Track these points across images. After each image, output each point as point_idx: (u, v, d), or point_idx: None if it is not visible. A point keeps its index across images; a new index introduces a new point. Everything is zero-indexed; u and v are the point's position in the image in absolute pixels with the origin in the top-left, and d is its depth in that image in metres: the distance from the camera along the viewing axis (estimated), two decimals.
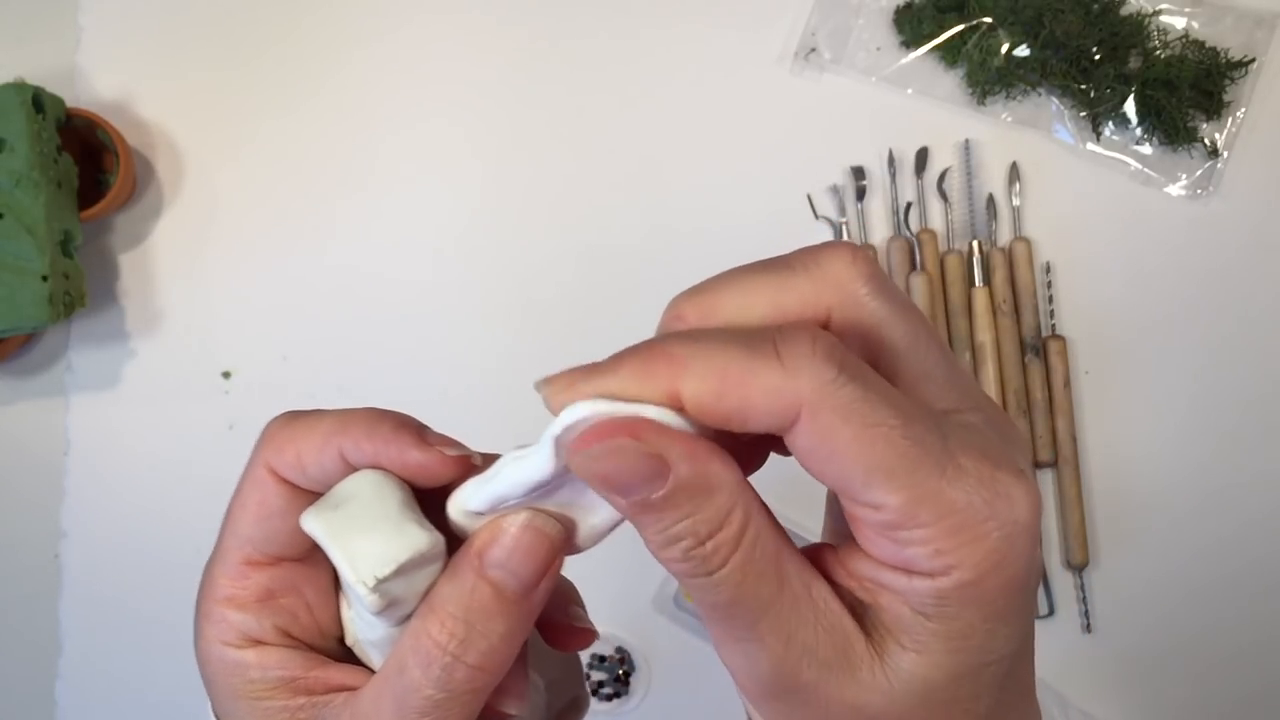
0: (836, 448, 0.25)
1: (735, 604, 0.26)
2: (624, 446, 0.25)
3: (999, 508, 0.25)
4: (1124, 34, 0.79)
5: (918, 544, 0.25)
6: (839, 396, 0.24)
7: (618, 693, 0.75)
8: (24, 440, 0.80)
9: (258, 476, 0.31)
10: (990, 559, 0.25)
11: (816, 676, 0.26)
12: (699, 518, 0.26)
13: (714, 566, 0.26)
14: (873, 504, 0.25)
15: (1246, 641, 0.78)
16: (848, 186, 0.80)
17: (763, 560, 0.26)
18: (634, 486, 0.25)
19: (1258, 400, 0.79)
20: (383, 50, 0.82)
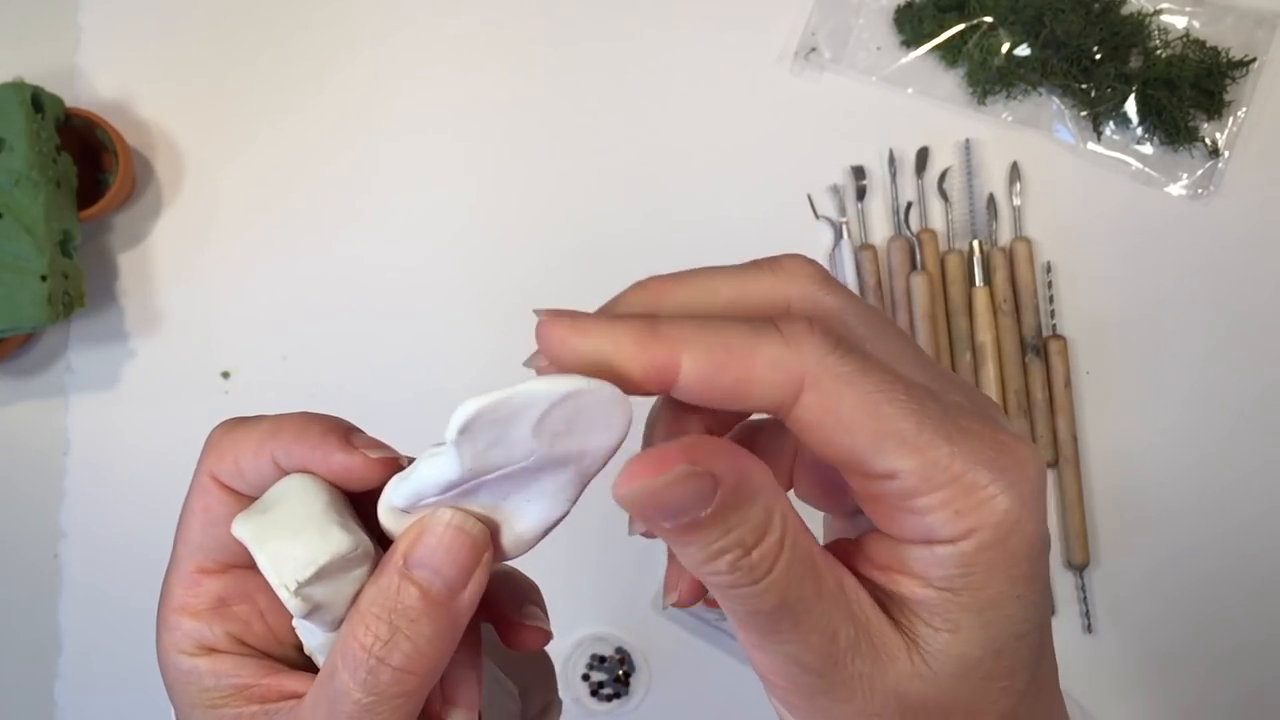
0: (843, 416, 0.25)
1: (780, 608, 0.25)
2: (685, 473, 0.24)
3: (1007, 466, 0.25)
4: (1125, 33, 0.79)
5: (937, 509, 0.25)
6: (841, 367, 0.25)
7: (618, 693, 0.75)
8: (24, 440, 0.79)
9: (202, 484, 0.31)
10: (1009, 518, 0.25)
11: (860, 669, 0.26)
12: (745, 528, 0.25)
13: (760, 575, 0.25)
14: (887, 472, 0.25)
15: (1247, 641, 0.78)
16: (848, 186, 0.80)
17: (801, 561, 0.26)
18: (687, 509, 0.24)
19: (1258, 399, 0.79)
20: (382, 51, 0.82)
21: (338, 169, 0.81)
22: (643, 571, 0.78)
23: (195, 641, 0.31)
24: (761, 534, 0.25)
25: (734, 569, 0.25)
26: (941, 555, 0.25)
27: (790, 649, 0.26)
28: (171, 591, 0.32)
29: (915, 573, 0.26)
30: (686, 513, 0.24)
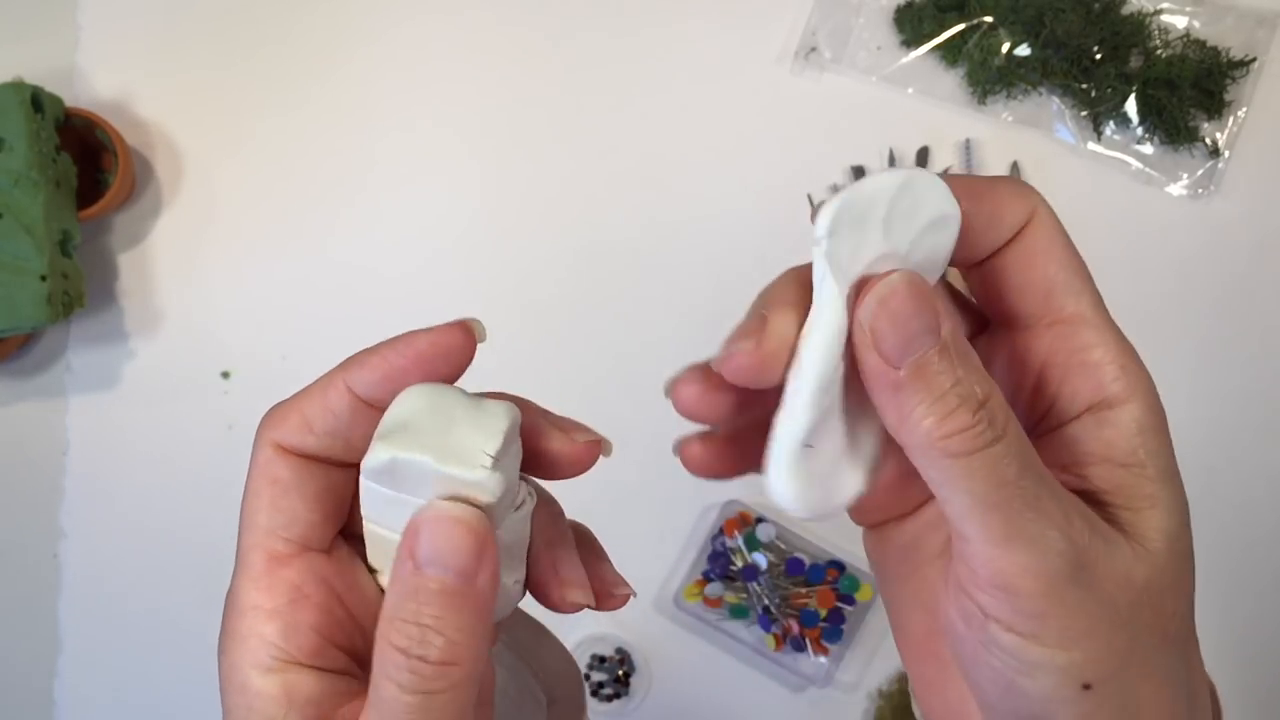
0: (1056, 249, 0.28)
1: (1023, 475, 0.25)
2: (919, 294, 0.25)
3: (1145, 368, 0.29)
4: (1125, 33, 0.79)
5: (1108, 362, 0.28)
6: (1055, 214, 0.29)
7: (618, 693, 0.75)
8: (23, 440, 0.79)
9: (265, 459, 0.30)
10: (1156, 397, 0.28)
11: (1098, 553, 0.26)
12: (974, 377, 0.25)
13: (1000, 429, 0.25)
14: (1076, 312, 0.28)
15: (1247, 641, 0.78)
16: (848, 186, 0.80)
17: (1021, 433, 0.26)
18: (916, 336, 0.25)
19: (1259, 398, 0.79)
20: (382, 49, 0.82)
21: (338, 168, 0.81)
22: (643, 572, 0.78)
23: (274, 652, 0.28)
24: (989, 387, 0.25)
25: (976, 420, 0.25)
26: (1119, 424, 0.27)
27: (1035, 531, 0.25)
28: (242, 594, 0.29)
29: (1100, 457, 0.27)
30: (919, 338, 0.25)
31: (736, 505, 0.76)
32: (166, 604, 0.78)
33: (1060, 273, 0.28)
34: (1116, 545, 0.26)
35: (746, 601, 0.75)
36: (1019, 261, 0.28)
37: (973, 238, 0.28)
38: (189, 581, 0.78)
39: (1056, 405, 0.28)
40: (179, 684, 0.77)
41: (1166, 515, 0.27)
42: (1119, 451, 0.27)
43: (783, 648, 0.74)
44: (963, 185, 0.27)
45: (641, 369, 0.79)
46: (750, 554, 0.75)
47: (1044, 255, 0.28)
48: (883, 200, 0.27)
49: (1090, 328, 0.28)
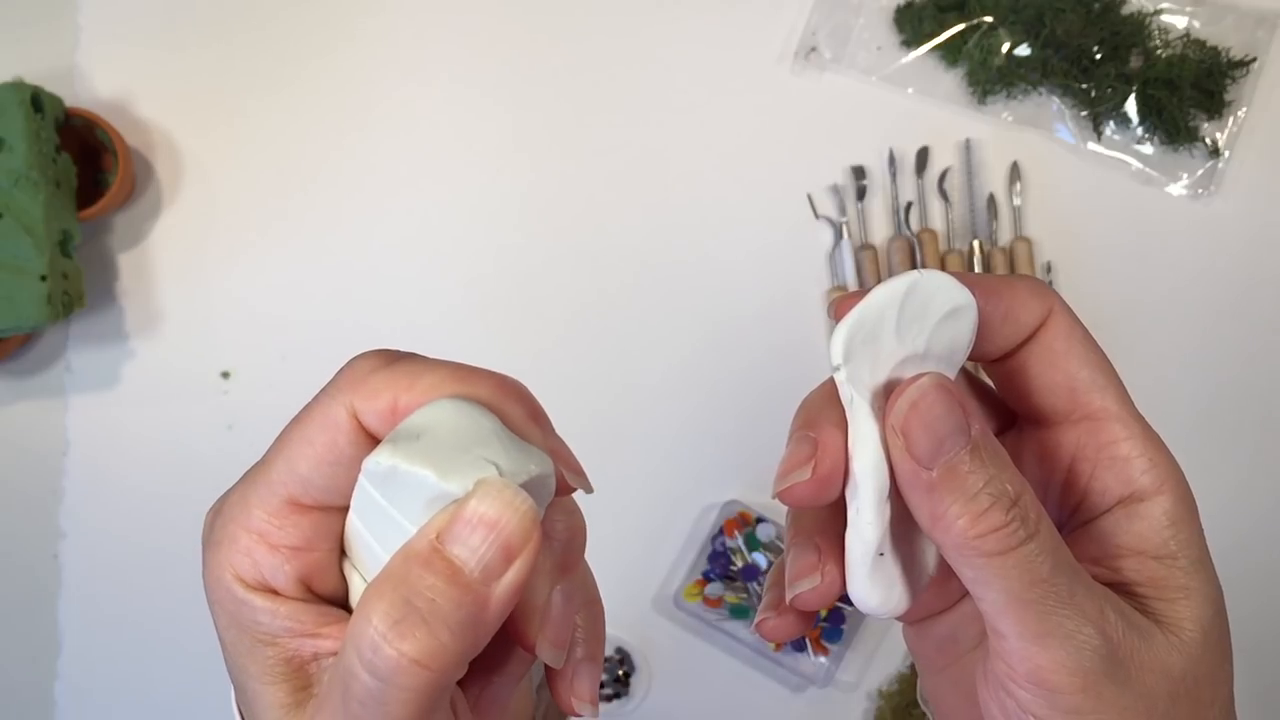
0: (1075, 347, 0.29)
1: (1056, 572, 0.25)
2: (948, 395, 0.26)
3: (1176, 461, 0.30)
4: (1125, 33, 0.79)
5: (1136, 456, 0.28)
6: (1072, 312, 0.29)
7: (618, 693, 0.75)
8: (23, 440, 0.79)
9: (335, 418, 0.27)
10: (1186, 488, 0.29)
11: (1133, 647, 0.26)
12: (1005, 475, 0.26)
13: (1033, 527, 0.25)
14: (1101, 407, 0.29)
15: (1246, 641, 0.77)
16: (848, 186, 0.80)
17: (1054, 531, 0.26)
18: (947, 437, 0.26)
19: (1258, 398, 0.79)
20: (382, 51, 0.82)
21: (338, 169, 0.81)
22: (643, 572, 0.78)
23: (261, 577, 0.27)
24: (1021, 486, 0.26)
25: (1009, 518, 0.25)
26: (1150, 517, 0.28)
27: (1069, 627, 0.25)
28: (251, 512, 0.27)
29: (1132, 550, 0.28)
30: (951, 439, 0.26)
31: (737, 505, 0.76)
32: (166, 604, 0.78)
33: (1083, 369, 0.29)
34: (1152, 637, 0.26)
35: (747, 601, 0.75)
36: (1040, 359, 0.29)
37: (990, 333, 0.28)
38: (189, 581, 0.78)
39: (1087, 500, 0.28)
40: (179, 684, 0.77)
41: (1201, 604, 0.27)
42: (1151, 544, 0.27)
43: (783, 648, 0.74)
44: (978, 283, 0.28)
45: (642, 368, 0.79)
46: (750, 554, 0.75)
47: (1065, 353, 0.29)
48: (891, 310, 0.27)
49: (1117, 422, 0.29)
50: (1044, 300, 0.29)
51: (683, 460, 0.78)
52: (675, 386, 0.79)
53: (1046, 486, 0.30)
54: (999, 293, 0.28)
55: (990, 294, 0.28)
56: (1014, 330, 0.29)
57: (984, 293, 0.28)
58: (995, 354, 0.29)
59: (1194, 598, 0.27)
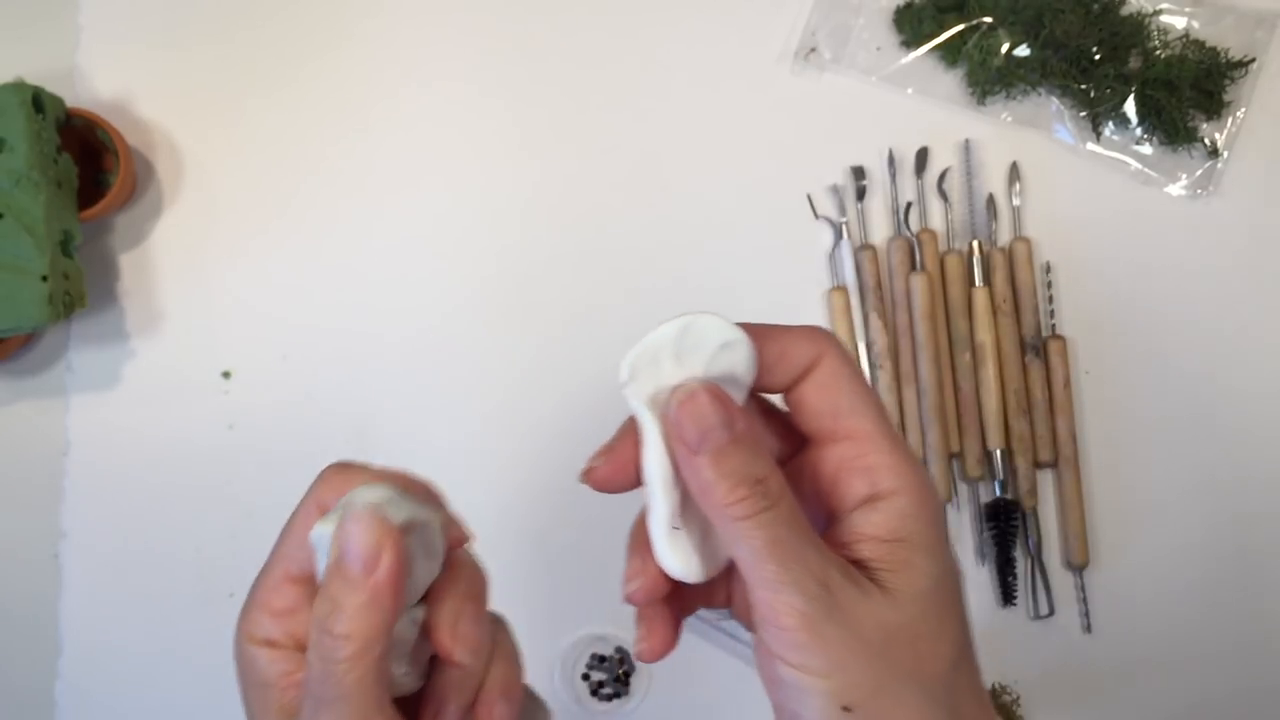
0: (841, 380, 0.36)
1: (790, 535, 0.33)
2: (714, 397, 0.34)
3: (919, 467, 0.36)
4: (1124, 34, 0.79)
5: (882, 468, 0.35)
6: (845, 356, 0.37)
7: (618, 693, 0.75)
8: (24, 440, 0.80)
9: (309, 510, 0.38)
10: (928, 486, 0.36)
11: (851, 598, 0.33)
12: (760, 463, 0.34)
13: (773, 499, 0.34)
14: (859, 428, 0.36)
15: (1246, 641, 0.78)
16: (848, 186, 0.80)
17: (794, 505, 0.34)
18: (712, 429, 0.34)
19: (1257, 399, 0.79)
20: (383, 51, 0.82)
21: (338, 170, 0.81)
22: None
23: (263, 635, 0.37)
24: (769, 469, 0.34)
25: (753, 492, 0.33)
26: (886, 511, 0.35)
27: (798, 577, 0.33)
28: (259, 589, 0.38)
29: (869, 535, 0.35)
30: (711, 434, 0.34)
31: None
32: (167, 604, 0.78)
33: (845, 399, 0.36)
34: (870, 595, 0.34)
35: None
36: (814, 391, 0.36)
37: (769, 369, 0.36)
38: (189, 581, 0.78)
39: (845, 499, 0.36)
40: (180, 684, 0.77)
41: (919, 577, 0.34)
42: (883, 531, 0.35)
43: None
44: (756, 329, 0.36)
45: None
46: None
47: (832, 386, 0.36)
48: (667, 344, 0.35)
49: (869, 440, 0.36)
50: (816, 344, 0.37)
51: None
52: None
53: (819, 491, 0.37)
54: (774, 337, 0.36)
55: (765, 338, 0.36)
56: (790, 367, 0.37)
57: (760, 337, 0.36)
58: (779, 386, 0.37)
59: (914, 571, 0.34)
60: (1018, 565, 0.78)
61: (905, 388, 0.78)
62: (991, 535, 0.78)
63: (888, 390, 0.78)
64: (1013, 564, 0.77)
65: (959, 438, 0.78)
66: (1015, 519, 0.77)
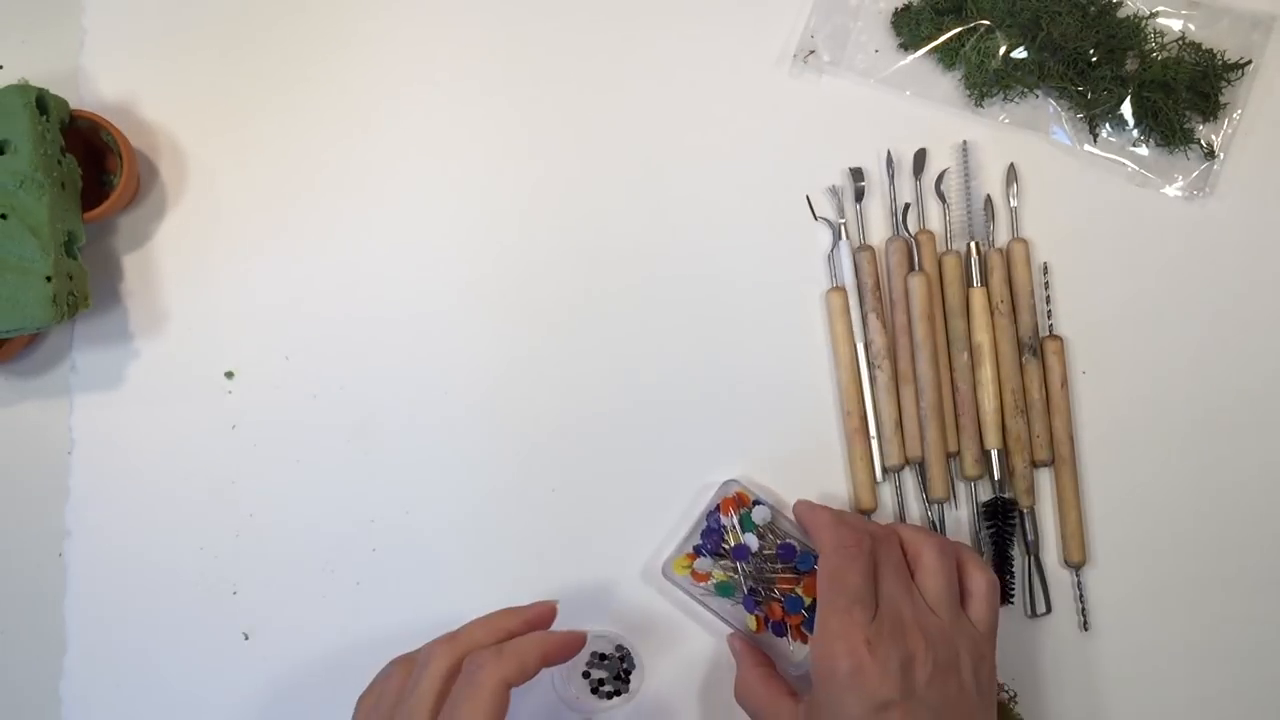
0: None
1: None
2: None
3: (824, 660, 0.63)
4: (1121, 36, 0.79)
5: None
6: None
7: (618, 690, 0.76)
8: (28, 440, 0.80)
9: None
10: (820, 677, 0.64)
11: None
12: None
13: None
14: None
15: (1244, 640, 0.78)
16: (846, 187, 0.81)
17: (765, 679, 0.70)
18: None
19: (1255, 399, 0.79)
20: (386, 53, 0.83)
21: (342, 170, 0.82)
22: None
23: None
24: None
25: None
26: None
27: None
28: None
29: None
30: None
31: (735, 485, 0.76)
32: (171, 602, 0.79)
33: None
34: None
35: (733, 580, 0.75)
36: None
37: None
38: (194, 579, 0.79)
39: None
40: (185, 683, 0.78)
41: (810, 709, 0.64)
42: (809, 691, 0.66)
43: (763, 630, 0.75)
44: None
45: (644, 365, 0.80)
46: (743, 534, 0.75)
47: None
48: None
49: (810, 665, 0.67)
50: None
51: (683, 443, 0.79)
52: (677, 381, 0.79)
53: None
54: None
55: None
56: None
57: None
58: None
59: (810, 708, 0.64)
60: (1015, 564, 0.78)
61: (903, 387, 0.78)
62: (989, 534, 0.78)
63: (886, 390, 0.78)
64: (1010, 563, 0.78)
65: (956, 437, 0.78)
66: (1013, 518, 0.78)
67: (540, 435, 0.79)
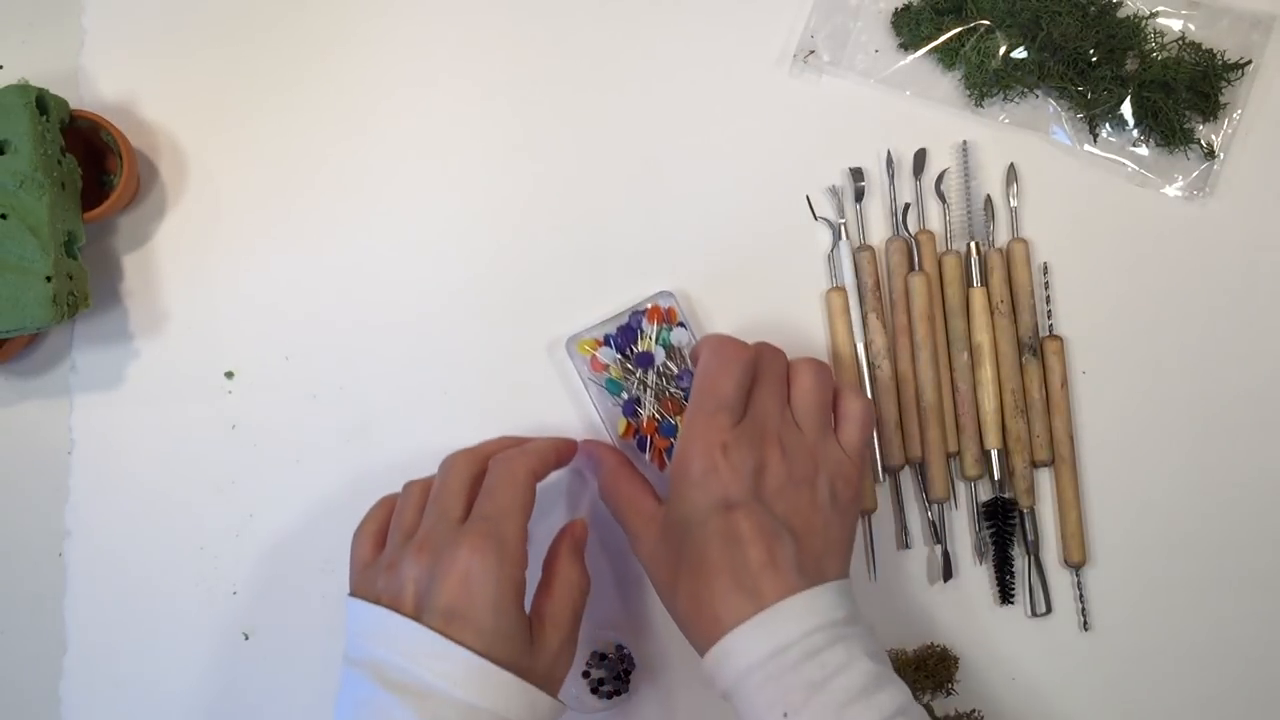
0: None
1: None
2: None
3: (681, 459, 0.66)
4: (1121, 36, 0.79)
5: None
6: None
7: (618, 690, 0.76)
8: (28, 440, 0.80)
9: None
10: (679, 452, 0.66)
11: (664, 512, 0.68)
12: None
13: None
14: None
15: (1244, 640, 0.78)
16: (846, 187, 0.81)
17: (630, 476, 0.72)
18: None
19: (1254, 399, 0.79)
20: (385, 53, 0.83)
21: (342, 170, 0.82)
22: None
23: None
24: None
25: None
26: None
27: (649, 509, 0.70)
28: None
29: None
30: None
31: (669, 299, 0.77)
32: (171, 602, 0.79)
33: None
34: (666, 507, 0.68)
35: (626, 382, 0.76)
36: None
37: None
38: (193, 579, 0.79)
39: None
40: (185, 682, 0.78)
41: (665, 524, 0.67)
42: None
43: (630, 438, 0.76)
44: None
45: None
46: (655, 344, 0.77)
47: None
48: None
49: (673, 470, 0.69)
50: None
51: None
52: None
53: None
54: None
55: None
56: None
57: None
58: None
59: (666, 527, 0.67)
60: (1015, 564, 0.78)
61: (903, 387, 0.78)
62: (989, 534, 0.78)
63: (886, 390, 0.78)
64: (1010, 563, 0.78)
65: (957, 437, 0.78)
66: (1013, 518, 0.78)
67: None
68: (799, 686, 0.58)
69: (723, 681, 0.61)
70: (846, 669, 0.59)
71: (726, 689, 0.61)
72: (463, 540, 0.60)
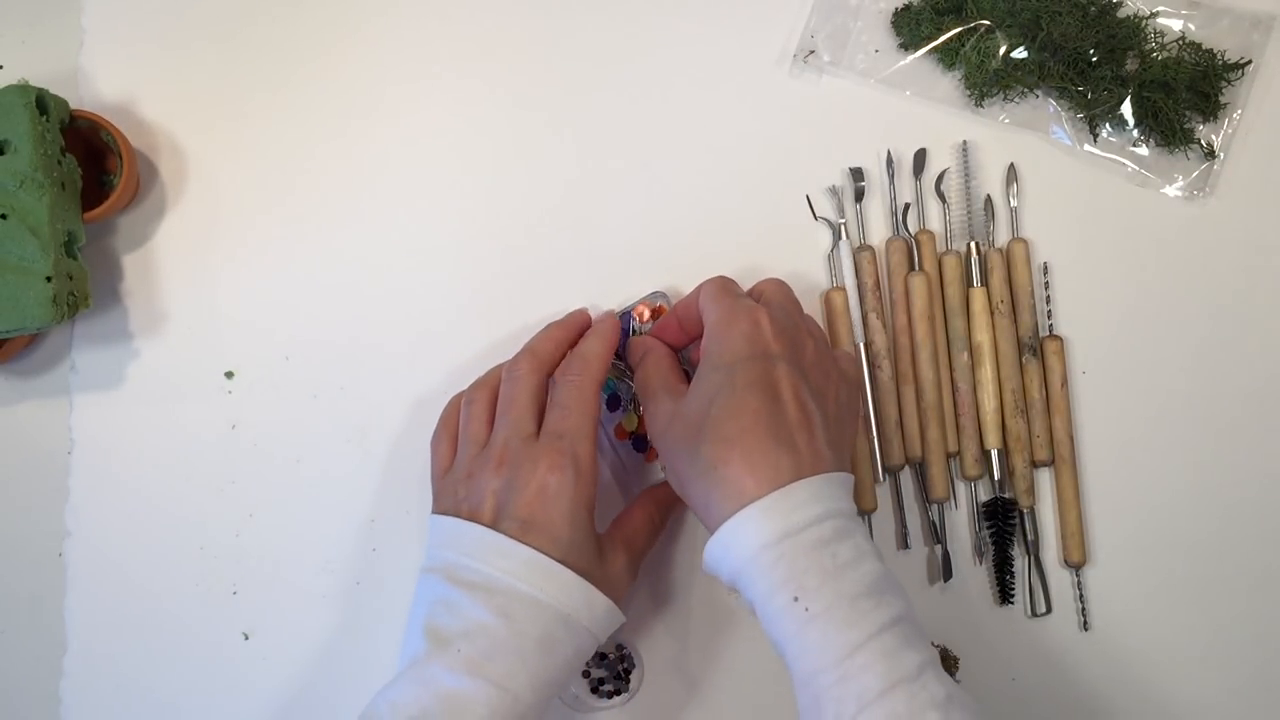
0: (705, 302, 0.69)
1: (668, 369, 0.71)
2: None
3: (720, 318, 0.67)
4: (1121, 36, 0.79)
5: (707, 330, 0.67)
6: (709, 287, 0.71)
7: (618, 689, 0.76)
8: (28, 440, 0.80)
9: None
10: (713, 329, 0.66)
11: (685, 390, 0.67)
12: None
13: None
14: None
15: (1244, 639, 0.78)
16: (846, 187, 0.81)
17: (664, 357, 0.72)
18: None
19: (1254, 399, 0.79)
20: (386, 53, 0.83)
21: (341, 170, 0.82)
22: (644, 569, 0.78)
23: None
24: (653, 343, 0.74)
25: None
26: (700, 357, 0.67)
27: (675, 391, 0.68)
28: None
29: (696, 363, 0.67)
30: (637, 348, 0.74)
31: (660, 298, 0.78)
32: (172, 602, 0.79)
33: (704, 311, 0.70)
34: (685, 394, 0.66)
35: (619, 384, 0.77)
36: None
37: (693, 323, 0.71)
38: (194, 579, 0.79)
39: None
40: (185, 682, 0.78)
41: (696, 382, 0.65)
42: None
43: (624, 439, 0.78)
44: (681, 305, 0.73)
45: None
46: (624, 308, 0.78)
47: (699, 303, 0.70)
48: None
49: (710, 324, 0.68)
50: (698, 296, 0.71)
51: None
52: None
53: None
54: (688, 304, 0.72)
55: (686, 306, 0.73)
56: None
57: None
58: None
59: (695, 380, 0.65)
60: (1015, 564, 0.78)
61: (903, 387, 0.78)
62: (989, 534, 0.78)
63: (886, 389, 0.78)
64: (1010, 563, 0.78)
65: (957, 437, 0.78)
66: (1013, 518, 0.78)
67: None
68: (814, 570, 0.57)
69: (737, 555, 0.59)
70: (857, 563, 0.59)
71: (737, 566, 0.59)
72: (540, 457, 0.64)
